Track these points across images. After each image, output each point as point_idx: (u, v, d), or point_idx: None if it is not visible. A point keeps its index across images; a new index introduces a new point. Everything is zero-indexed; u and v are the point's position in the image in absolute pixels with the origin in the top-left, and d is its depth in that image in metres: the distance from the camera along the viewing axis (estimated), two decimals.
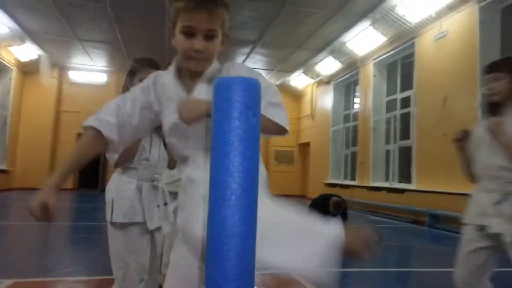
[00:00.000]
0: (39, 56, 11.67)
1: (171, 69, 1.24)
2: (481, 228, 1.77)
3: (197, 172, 1.14)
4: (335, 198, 4.91)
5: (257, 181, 0.89)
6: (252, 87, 0.91)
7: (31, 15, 8.75)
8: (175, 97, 1.17)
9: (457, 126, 6.71)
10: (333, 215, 4.84)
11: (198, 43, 1.11)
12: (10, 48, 10.61)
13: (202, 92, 1.17)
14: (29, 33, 9.93)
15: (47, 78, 12.32)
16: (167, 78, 1.24)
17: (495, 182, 1.79)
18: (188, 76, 1.21)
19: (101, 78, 13.41)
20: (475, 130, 1.94)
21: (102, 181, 13.06)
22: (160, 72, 1.30)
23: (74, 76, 13.20)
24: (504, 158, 1.75)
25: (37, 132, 12.48)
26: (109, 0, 7.78)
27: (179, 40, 1.15)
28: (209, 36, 1.13)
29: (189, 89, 1.20)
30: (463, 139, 1.96)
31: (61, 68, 12.92)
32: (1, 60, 10.71)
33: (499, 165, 1.77)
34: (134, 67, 1.86)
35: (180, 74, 1.24)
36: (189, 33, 1.12)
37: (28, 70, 12.11)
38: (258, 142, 0.90)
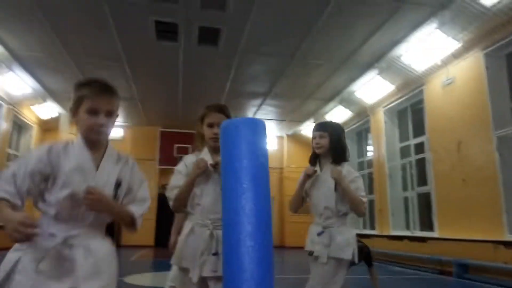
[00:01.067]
0: (59, 114, 12.16)
1: (79, 141, 1.45)
2: (310, 253, 2.32)
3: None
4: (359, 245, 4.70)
5: (271, 221, 0.87)
6: (259, 128, 0.91)
7: (53, 75, 9.26)
8: (82, 166, 1.39)
9: (475, 170, 6.64)
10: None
11: (101, 119, 1.41)
12: (32, 107, 11.12)
13: (108, 165, 1.45)
14: (50, 93, 10.44)
15: (66, 135, 12.73)
16: (72, 149, 1.44)
17: (320, 217, 2.36)
18: (90, 148, 1.44)
19: (118, 133, 13.80)
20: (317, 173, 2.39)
21: (117, 236, 12.93)
22: (56, 144, 1.46)
23: None
24: (328, 200, 2.31)
25: None
26: (127, 59, 8.23)
27: (83, 118, 1.43)
28: (109, 114, 1.44)
29: (95, 160, 1.44)
30: (310, 176, 2.39)
31: None
32: (23, 119, 11.19)
33: (324, 206, 2.33)
34: (204, 113, 1.95)
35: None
36: (93, 112, 1.41)
37: (48, 127, 12.57)
38: (268, 181, 0.89)
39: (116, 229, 12.87)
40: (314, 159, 2.48)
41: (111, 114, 1.46)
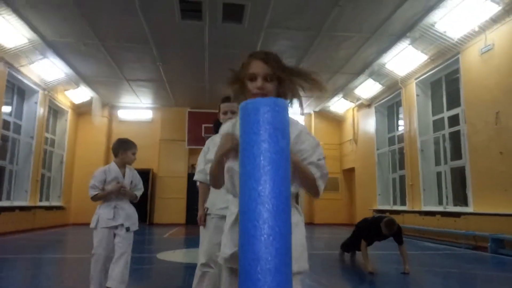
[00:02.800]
0: (91, 98, 12.54)
1: (113, 165, 3.42)
2: None
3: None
4: (387, 218, 4.63)
5: (290, 208, 0.82)
6: (280, 108, 0.85)
7: (85, 60, 9.51)
8: (117, 176, 3.26)
9: None
10: (386, 236, 4.56)
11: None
12: (66, 92, 11.51)
13: (127, 173, 3.41)
14: (82, 77, 10.75)
15: (99, 118, 13.14)
16: (112, 168, 3.36)
17: None
18: (119, 167, 3.43)
19: (147, 115, 14.10)
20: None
21: (150, 215, 13.42)
22: (104, 168, 3.37)
23: (122, 114, 13.99)
24: None
25: (90, 169, 13.12)
26: (154, 41, 8.30)
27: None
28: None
29: (122, 172, 3.40)
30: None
31: (110, 108, 13.76)
32: (59, 104, 11.62)
33: None
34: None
35: None
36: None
37: (81, 111, 13.02)
38: (289, 166, 0.84)
39: (149, 209, 13.37)
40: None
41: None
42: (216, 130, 2.92)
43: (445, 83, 8.64)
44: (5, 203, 9.04)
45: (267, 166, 0.79)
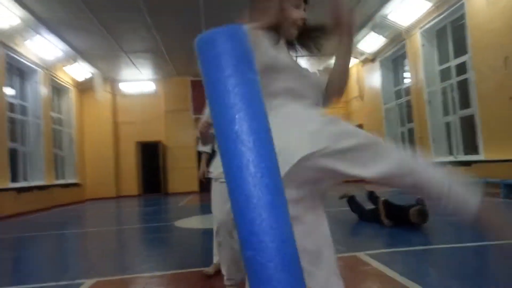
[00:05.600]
0: (92, 74, 12.46)
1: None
2: None
3: None
4: (416, 207, 4.11)
5: (271, 141, 0.75)
6: (240, 36, 0.75)
7: (79, 35, 9.37)
8: None
9: None
10: (416, 224, 4.15)
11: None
12: (65, 69, 11.43)
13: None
14: (80, 53, 10.63)
15: (102, 93, 13.13)
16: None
17: None
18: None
19: (150, 87, 14.02)
20: None
21: (164, 185, 13.69)
22: None
23: (125, 88, 13.93)
24: None
25: (100, 146, 13.37)
26: (147, 8, 8.09)
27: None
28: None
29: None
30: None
31: (113, 82, 13.70)
32: (60, 82, 11.58)
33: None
34: None
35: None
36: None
37: (84, 88, 12.99)
38: (261, 98, 0.75)
39: (162, 180, 13.63)
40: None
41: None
42: None
43: (451, 30, 8.37)
44: (23, 184, 9.28)
45: (238, 102, 0.71)
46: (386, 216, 4.42)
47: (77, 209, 10.12)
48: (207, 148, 3.04)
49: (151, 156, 14.00)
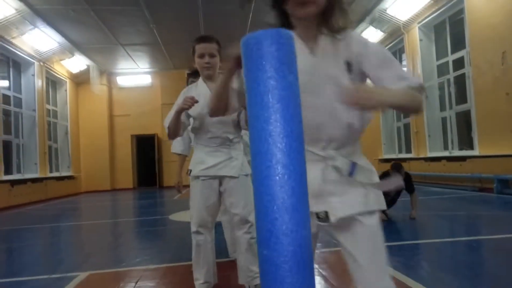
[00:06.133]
0: (88, 66, 12.34)
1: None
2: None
3: None
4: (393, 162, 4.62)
5: (303, 145, 0.78)
6: (284, 39, 0.78)
7: (76, 27, 9.25)
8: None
9: None
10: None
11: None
12: (62, 62, 11.32)
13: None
14: (76, 46, 10.52)
15: (98, 86, 13.02)
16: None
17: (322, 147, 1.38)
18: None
19: (146, 80, 13.92)
20: None
21: (159, 179, 13.66)
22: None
23: (121, 80, 13.82)
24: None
25: (95, 138, 13.29)
26: (145, 3, 8.00)
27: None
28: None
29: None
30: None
31: (109, 75, 13.58)
32: (56, 74, 11.47)
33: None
34: (193, 46, 2.20)
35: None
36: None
37: (80, 80, 12.88)
38: (299, 101, 0.79)
39: (158, 172, 13.59)
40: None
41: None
42: (191, 78, 2.88)
43: (449, 25, 8.34)
44: (17, 176, 9.22)
45: (276, 104, 0.75)
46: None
47: (71, 202, 10.08)
48: (183, 149, 2.81)
49: (147, 149, 13.94)
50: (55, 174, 11.32)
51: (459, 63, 7.98)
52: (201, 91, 2.14)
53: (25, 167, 9.80)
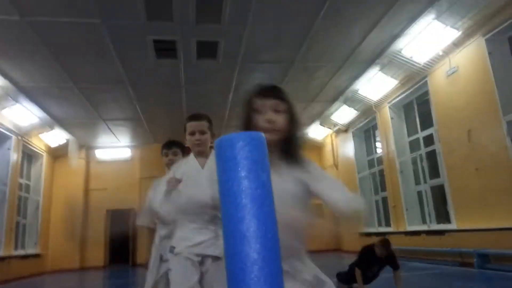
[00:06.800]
0: (67, 140, 12.28)
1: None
2: None
3: None
4: (380, 238, 4.45)
5: (278, 245, 0.78)
6: (257, 141, 0.82)
7: (59, 103, 9.39)
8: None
9: (488, 157, 6.54)
10: (381, 260, 4.31)
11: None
12: (40, 135, 11.25)
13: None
14: (57, 120, 10.57)
15: (76, 160, 12.84)
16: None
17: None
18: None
19: (125, 153, 13.88)
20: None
21: (133, 256, 12.93)
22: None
23: (100, 154, 13.72)
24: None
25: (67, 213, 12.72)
26: (130, 81, 8.31)
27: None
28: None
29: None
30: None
31: (88, 148, 13.48)
32: (33, 148, 11.32)
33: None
34: (184, 124, 2.41)
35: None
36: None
37: (57, 154, 12.70)
38: (272, 200, 0.80)
39: (131, 249, 12.90)
40: None
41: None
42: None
43: (416, 105, 8.95)
44: None
45: (248, 204, 0.76)
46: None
47: (35, 283, 9.29)
48: (148, 222, 2.74)
49: (122, 224, 13.38)
50: (20, 252, 10.57)
51: (429, 140, 8.41)
52: (192, 166, 2.25)
53: None
